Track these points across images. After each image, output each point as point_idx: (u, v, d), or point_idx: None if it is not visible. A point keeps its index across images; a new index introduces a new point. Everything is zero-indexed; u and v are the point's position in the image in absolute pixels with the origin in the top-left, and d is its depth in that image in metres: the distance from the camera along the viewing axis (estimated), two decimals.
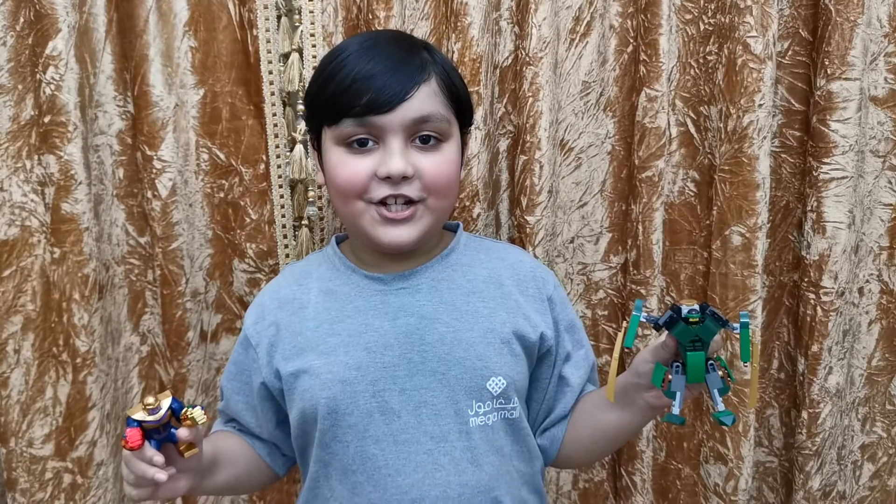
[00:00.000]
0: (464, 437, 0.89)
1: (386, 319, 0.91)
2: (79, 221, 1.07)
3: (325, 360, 0.89)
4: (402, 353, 0.89)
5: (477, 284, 0.94)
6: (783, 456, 1.27)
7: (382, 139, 0.87)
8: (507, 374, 0.90)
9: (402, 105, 0.85)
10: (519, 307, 0.94)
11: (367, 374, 0.88)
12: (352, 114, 0.86)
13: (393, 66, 0.87)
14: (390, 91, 0.85)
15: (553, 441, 0.97)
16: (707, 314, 0.77)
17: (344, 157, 0.89)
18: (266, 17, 1.10)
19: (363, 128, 0.87)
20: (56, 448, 1.11)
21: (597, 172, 1.18)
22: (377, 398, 0.88)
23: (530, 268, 0.99)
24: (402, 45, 0.90)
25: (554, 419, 0.98)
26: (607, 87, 1.16)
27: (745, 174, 1.11)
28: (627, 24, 1.14)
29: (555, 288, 0.98)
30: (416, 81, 0.86)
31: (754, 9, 1.07)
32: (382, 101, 0.85)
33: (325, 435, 0.89)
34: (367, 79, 0.86)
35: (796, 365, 1.21)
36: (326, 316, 0.92)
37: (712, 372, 0.79)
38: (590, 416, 0.95)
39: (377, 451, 0.88)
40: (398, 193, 0.87)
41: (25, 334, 1.09)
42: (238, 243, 1.16)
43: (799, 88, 1.16)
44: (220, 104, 1.13)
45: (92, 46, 1.08)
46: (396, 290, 0.93)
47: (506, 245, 1.06)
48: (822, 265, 1.14)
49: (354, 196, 0.88)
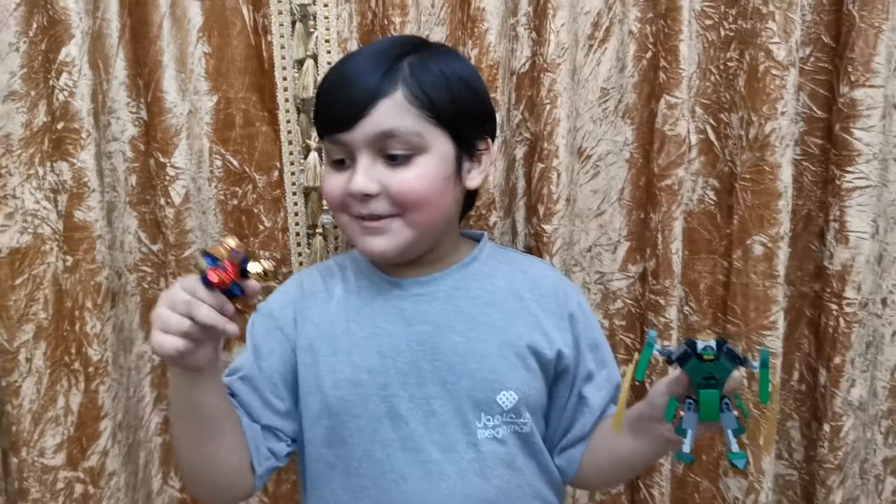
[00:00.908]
0: (472, 448, 0.87)
1: (401, 325, 0.90)
2: (91, 229, 1.06)
3: (338, 358, 0.89)
4: (414, 360, 0.88)
5: (496, 296, 0.93)
6: (803, 469, 1.25)
7: (353, 156, 0.87)
8: (520, 389, 0.89)
9: (362, 121, 0.84)
10: (537, 322, 0.92)
11: (377, 377, 0.88)
12: (323, 133, 0.89)
13: (354, 80, 0.86)
14: (347, 107, 0.85)
15: (570, 462, 0.95)
16: (723, 351, 0.75)
17: (327, 173, 0.91)
18: (280, 22, 1.09)
19: (336, 145, 0.87)
20: (68, 458, 1.10)
21: (615, 180, 1.16)
22: (386, 403, 0.87)
23: (552, 283, 0.97)
24: (377, 56, 0.87)
25: (572, 440, 0.95)
26: (626, 94, 1.14)
27: (767, 183, 1.09)
28: (647, 30, 1.12)
29: (578, 305, 0.96)
30: (374, 96, 0.84)
31: (777, 14, 1.05)
32: (342, 118, 0.85)
33: (332, 435, 0.88)
34: (332, 94, 0.87)
35: (817, 377, 1.19)
36: (344, 314, 0.92)
37: (727, 411, 0.76)
38: (607, 441, 0.92)
39: (384, 456, 0.87)
40: (368, 213, 0.87)
41: (37, 343, 1.08)
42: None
43: (821, 95, 1.14)
44: (234, 110, 1.12)
45: (105, 52, 1.07)
46: (413, 297, 0.91)
47: (531, 258, 1.05)
48: (844, 275, 1.12)
49: (338, 210, 0.89)
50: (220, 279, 0.70)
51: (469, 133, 0.91)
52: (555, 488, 0.96)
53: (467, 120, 0.90)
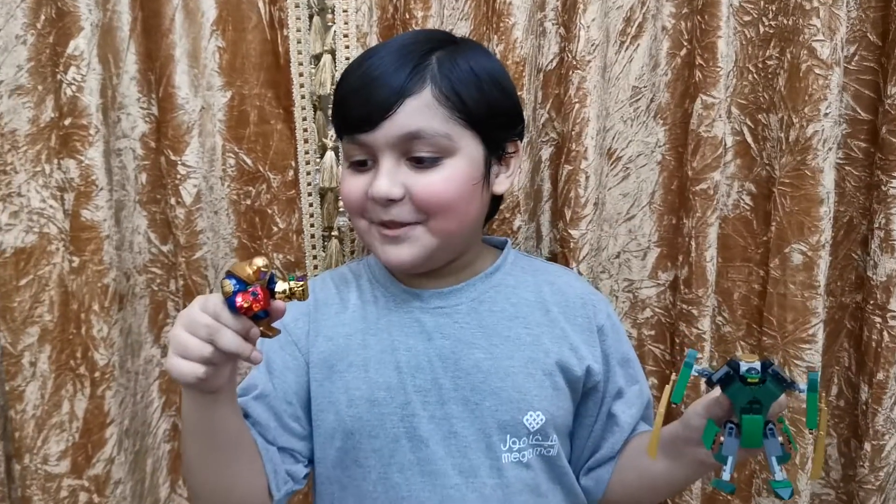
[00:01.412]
0: (495, 473, 0.82)
1: (420, 339, 0.85)
2: (99, 229, 1.02)
3: (353, 375, 0.84)
4: (434, 377, 0.83)
5: (521, 308, 0.88)
6: (841, 489, 1.19)
7: (376, 158, 0.81)
8: (547, 410, 0.84)
9: (386, 121, 0.79)
10: (565, 336, 0.87)
11: (396, 395, 0.82)
12: (343, 133, 0.83)
13: (379, 77, 0.80)
14: (371, 106, 0.79)
15: (598, 483, 0.90)
16: (769, 374, 0.69)
17: (346, 175, 0.85)
18: (297, 16, 1.04)
19: (357, 146, 0.82)
20: (72, 465, 1.06)
21: (646, 183, 1.11)
22: (405, 423, 0.82)
23: (580, 293, 0.92)
24: (403, 51, 0.82)
25: (600, 459, 0.90)
26: (658, 93, 1.09)
27: (808, 188, 1.03)
28: (681, 26, 1.06)
29: (607, 317, 0.91)
30: (400, 94, 0.79)
31: (821, 10, 0.99)
32: (363, 119, 0.79)
33: (346, 456, 0.83)
34: (354, 93, 0.81)
35: (858, 393, 1.12)
36: (360, 325, 0.87)
37: (771, 437, 0.71)
38: (638, 462, 0.87)
39: (401, 480, 0.82)
40: (389, 220, 0.82)
41: (42, 346, 1.04)
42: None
43: (866, 96, 1.07)
44: (248, 107, 1.07)
45: (115, 46, 1.03)
46: (433, 309, 0.86)
47: (557, 267, 0.99)
48: (890, 287, 1.06)
49: (357, 214, 0.84)
50: (250, 306, 0.63)
51: (499, 134, 0.86)
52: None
53: (498, 120, 0.85)
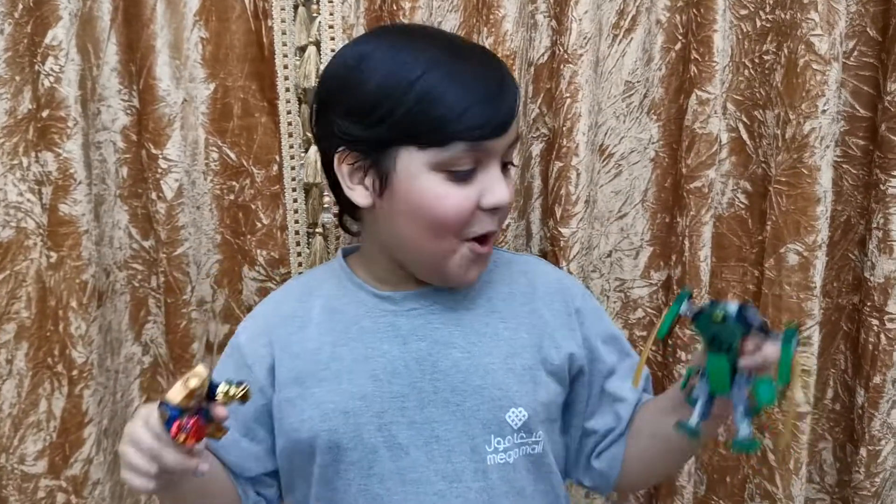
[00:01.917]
0: (480, 476, 0.80)
1: (395, 344, 0.82)
2: (77, 224, 1.00)
3: (325, 388, 0.81)
4: (412, 381, 0.80)
5: (496, 303, 0.85)
6: (836, 494, 1.17)
7: (484, 165, 0.77)
8: (529, 405, 0.81)
9: (510, 128, 0.77)
10: (544, 325, 0.85)
11: (372, 404, 0.79)
12: (467, 137, 0.75)
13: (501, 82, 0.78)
14: (504, 113, 0.77)
15: (612, 462, 0.87)
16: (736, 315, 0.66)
17: (446, 187, 0.76)
18: (282, 6, 1.02)
19: (472, 153, 0.76)
20: (49, 465, 1.04)
21: (638, 181, 1.08)
22: (383, 432, 0.79)
23: (555, 279, 0.90)
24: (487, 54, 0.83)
25: (612, 439, 0.87)
26: (652, 88, 1.06)
27: (805, 186, 1.00)
28: (676, 20, 1.04)
29: (583, 298, 0.89)
30: (518, 98, 0.79)
31: (819, 4, 0.97)
32: (499, 124, 0.76)
33: (326, 471, 0.81)
34: (488, 100, 0.76)
35: (854, 396, 1.10)
36: (329, 337, 0.83)
37: (739, 386, 0.68)
38: (649, 425, 0.85)
39: (382, 491, 0.79)
40: (496, 230, 0.80)
41: (19, 343, 1.02)
42: (248, 249, 1.08)
43: (865, 93, 1.05)
44: (232, 100, 1.05)
45: (96, 36, 1.00)
46: (408, 311, 0.84)
47: (527, 257, 0.97)
48: (887, 288, 1.04)
49: (453, 233, 0.78)
50: (185, 440, 0.66)
51: None
52: None
53: None
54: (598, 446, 0.89)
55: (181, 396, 0.65)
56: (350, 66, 0.79)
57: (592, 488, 0.93)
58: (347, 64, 0.79)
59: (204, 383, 0.66)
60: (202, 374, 0.66)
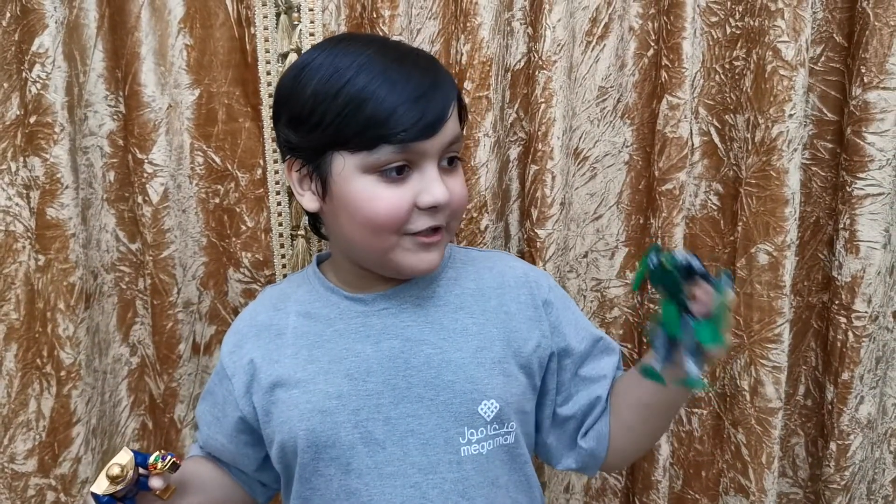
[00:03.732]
0: (454, 467, 0.82)
1: (368, 343, 0.84)
2: (64, 227, 1.02)
3: (302, 389, 0.83)
4: (386, 378, 0.82)
5: (464, 299, 0.87)
6: (808, 488, 1.19)
7: (418, 165, 0.79)
8: (500, 397, 0.83)
9: (444, 127, 0.79)
10: (510, 318, 0.87)
11: (348, 402, 0.82)
12: (393, 140, 0.76)
13: (432, 83, 0.79)
14: (433, 114, 0.78)
15: (600, 438, 0.89)
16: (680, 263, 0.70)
17: (378, 188, 0.78)
18: (264, 14, 1.04)
19: (403, 154, 0.78)
20: (39, 464, 1.06)
21: (613, 183, 1.11)
22: (360, 428, 0.81)
23: (522, 273, 0.91)
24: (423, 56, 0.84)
25: (595, 416, 0.90)
26: (625, 93, 1.09)
27: (774, 188, 1.03)
28: (648, 27, 1.07)
29: (549, 290, 0.91)
30: (451, 100, 0.80)
31: (786, 12, 1.00)
32: (428, 125, 0.77)
33: (305, 469, 0.83)
34: (415, 101, 0.77)
35: (824, 392, 1.13)
36: (305, 341, 0.86)
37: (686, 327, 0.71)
38: (626, 396, 0.88)
39: (361, 486, 0.81)
40: (437, 225, 0.80)
41: (8, 344, 1.04)
42: (233, 252, 1.11)
43: (832, 97, 1.08)
44: (217, 105, 1.07)
45: (82, 43, 1.03)
46: (379, 311, 0.86)
47: (493, 253, 0.99)
48: (854, 287, 1.06)
49: (389, 230, 0.79)
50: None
51: None
52: (535, 500, 0.91)
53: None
54: (582, 425, 0.91)
55: (105, 485, 0.73)
56: (292, 76, 0.82)
57: (580, 469, 0.94)
58: (291, 75, 0.82)
59: (126, 466, 0.73)
60: (123, 461, 0.73)
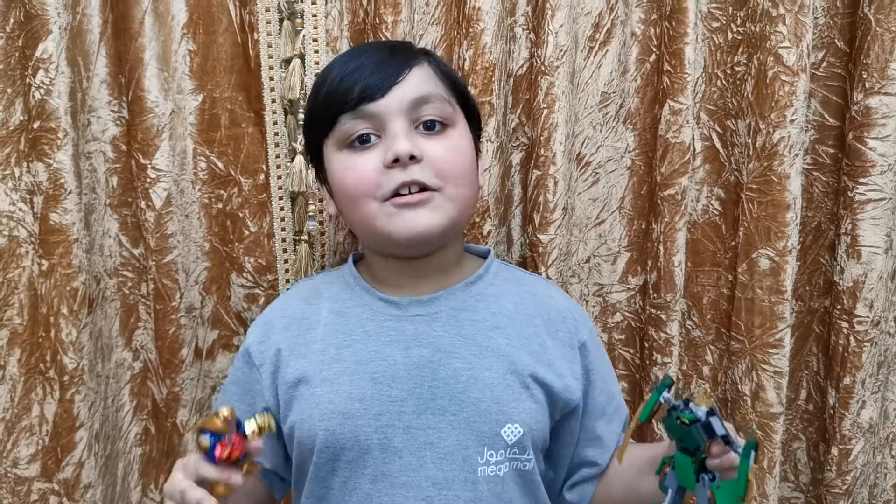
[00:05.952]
0: (469, 486, 0.80)
1: (397, 348, 0.84)
2: (68, 232, 1.02)
3: (326, 388, 0.83)
4: (412, 387, 0.82)
5: (501, 319, 0.86)
6: (810, 492, 1.19)
7: (383, 129, 0.81)
8: (525, 422, 0.82)
9: (396, 87, 0.81)
10: (545, 350, 0.86)
11: (370, 406, 0.81)
12: (346, 108, 0.81)
13: (382, 56, 0.83)
14: (381, 74, 0.81)
15: (583, 496, 0.90)
16: (698, 420, 0.69)
17: (349, 159, 0.83)
18: (268, 20, 1.04)
19: (362, 121, 0.81)
20: (42, 469, 1.06)
21: (615, 188, 1.11)
22: (379, 434, 0.81)
23: (564, 307, 0.91)
24: (392, 43, 0.90)
25: (586, 476, 0.90)
26: (628, 99, 1.09)
27: (775, 194, 1.03)
28: (650, 32, 1.07)
29: (589, 334, 0.91)
30: (407, 65, 0.83)
31: (787, 17, 1.00)
32: (374, 86, 0.80)
33: (320, 469, 0.83)
34: (357, 70, 0.82)
35: (826, 397, 1.13)
36: (334, 339, 0.86)
37: (703, 486, 0.71)
38: (626, 478, 0.87)
39: (373, 492, 0.81)
40: (411, 180, 0.80)
41: (11, 349, 1.04)
42: (236, 257, 1.11)
43: (834, 102, 1.08)
44: (220, 110, 1.07)
45: (86, 49, 1.03)
46: (412, 317, 0.85)
47: (539, 279, 0.99)
48: (856, 292, 1.06)
49: (367, 196, 0.81)
50: (230, 454, 0.71)
51: (475, 125, 0.91)
52: None
53: (474, 111, 0.91)
54: (572, 478, 0.91)
55: (218, 423, 0.72)
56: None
57: None
58: None
59: (232, 413, 0.73)
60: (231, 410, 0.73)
